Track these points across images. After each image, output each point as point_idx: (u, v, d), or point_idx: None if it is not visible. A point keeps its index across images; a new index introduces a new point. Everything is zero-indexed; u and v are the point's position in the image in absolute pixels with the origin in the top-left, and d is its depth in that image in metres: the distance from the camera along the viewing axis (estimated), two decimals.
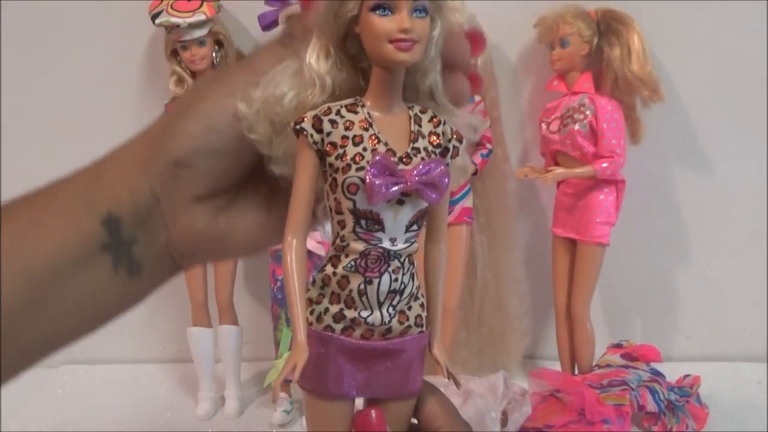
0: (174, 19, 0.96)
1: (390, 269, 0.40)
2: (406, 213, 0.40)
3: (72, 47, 1.07)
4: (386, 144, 0.39)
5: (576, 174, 0.97)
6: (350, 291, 0.40)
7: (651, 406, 0.93)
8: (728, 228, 1.13)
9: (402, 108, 0.40)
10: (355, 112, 0.39)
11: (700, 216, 1.12)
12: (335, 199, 0.39)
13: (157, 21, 0.96)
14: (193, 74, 1.01)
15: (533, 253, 1.13)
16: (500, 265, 1.09)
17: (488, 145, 1.04)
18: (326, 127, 0.39)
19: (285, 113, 0.39)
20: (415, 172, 0.38)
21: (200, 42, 0.99)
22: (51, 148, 1.12)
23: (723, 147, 1.09)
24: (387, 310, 0.40)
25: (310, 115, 0.39)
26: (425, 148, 0.40)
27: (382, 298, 0.40)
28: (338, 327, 0.40)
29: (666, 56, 1.03)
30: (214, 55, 1.02)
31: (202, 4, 0.98)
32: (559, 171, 0.97)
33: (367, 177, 0.37)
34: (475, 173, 1.02)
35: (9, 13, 1.06)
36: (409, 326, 0.41)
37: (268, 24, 1.02)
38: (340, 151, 0.38)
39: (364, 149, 0.38)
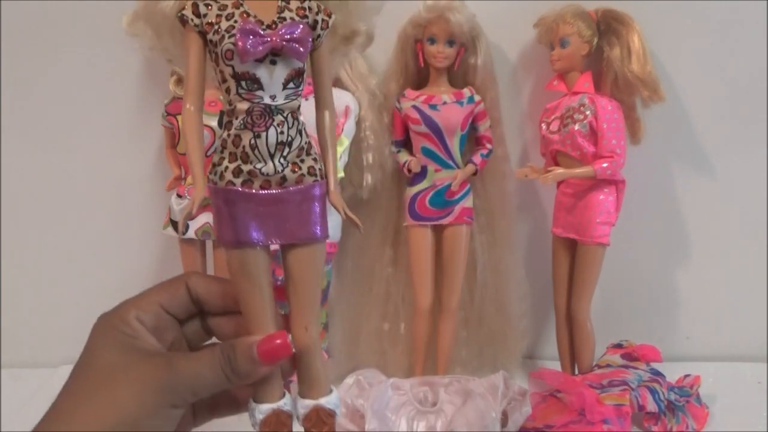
0: None
1: (275, 123, 0.46)
2: (280, 71, 0.46)
3: (72, 47, 1.08)
4: (255, 17, 0.45)
5: (576, 174, 0.97)
6: (243, 147, 0.45)
7: (651, 406, 0.93)
8: (728, 228, 1.13)
9: None
10: None
11: (700, 216, 1.12)
12: (220, 70, 0.46)
13: None
14: None
15: (533, 253, 1.13)
16: (500, 265, 1.09)
17: (488, 145, 1.04)
18: (203, 10, 0.45)
19: (166, 17, 0.47)
20: (280, 32, 0.44)
21: None
22: (51, 148, 1.13)
23: (723, 147, 1.09)
24: (279, 161, 0.46)
25: (189, 4, 0.46)
26: (291, 18, 0.46)
27: (272, 150, 0.46)
28: (238, 181, 0.45)
29: (666, 56, 1.03)
30: None
31: None
32: (559, 171, 0.97)
33: (237, 40, 0.44)
34: (475, 173, 1.03)
35: (9, 13, 1.06)
36: (303, 175, 0.47)
37: None
38: (216, 27, 0.45)
39: (235, 21, 0.45)
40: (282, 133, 0.46)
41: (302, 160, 0.47)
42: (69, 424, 0.41)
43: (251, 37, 0.44)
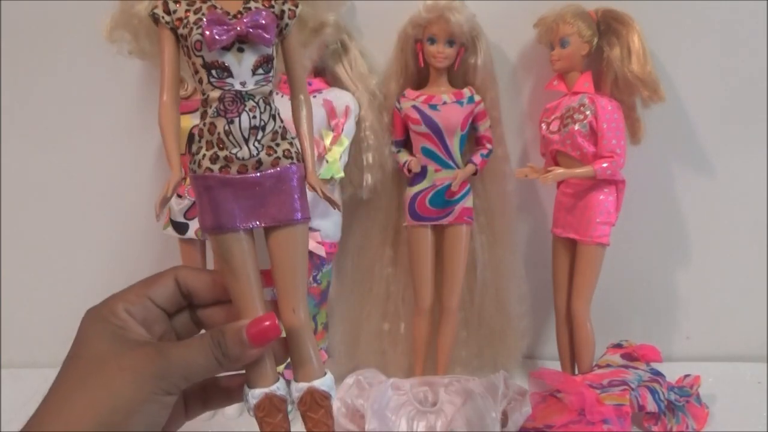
0: None
1: (247, 108, 0.47)
2: (249, 58, 0.47)
3: (72, 47, 1.08)
4: (221, 9, 0.47)
5: (576, 174, 0.97)
6: (218, 133, 0.47)
7: (651, 406, 0.93)
8: (728, 228, 1.13)
9: None
10: None
11: (700, 216, 1.12)
12: (192, 63, 0.47)
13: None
14: None
15: (533, 253, 1.13)
16: (500, 265, 1.09)
17: (488, 145, 1.04)
18: (172, 7, 0.47)
19: (142, 20, 0.50)
20: (245, 19, 0.46)
21: None
22: (51, 148, 1.13)
23: (723, 147, 1.09)
24: (253, 145, 0.48)
25: (159, 2, 0.48)
26: (257, 7, 0.48)
27: (246, 135, 0.47)
28: (215, 167, 0.47)
29: (666, 56, 1.03)
30: None
31: None
32: (559, 171, 0.97)
33: (204, 30, 0.46)
34: (475, 173, 1.02)
35: (9, 13, 1.06)
36: (279, 158, 0.48)
37: None
38: (185, 21, 0.47)
39: (203, 14, 0.47)
40: (254, 117, 0.47)
41: (277, 144, 0.48)
42: (63, 413, 0.41)
43: (217, 26, 0.46)
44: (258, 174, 0.47)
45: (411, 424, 0.89)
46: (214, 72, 0.47)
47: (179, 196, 1.03)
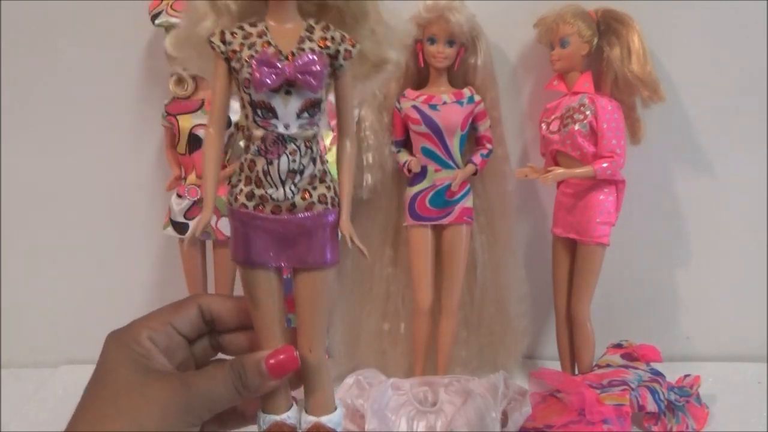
0: (173, 20, 0.96)
1: (287, 151, 0.48)
2: (295, 102, 0.47)
3: (72, 47, 1.08)
4: (276, 46, 0.47)
5: (576, 174, 0.97)
6: (257, 172, 0.48)
7: (651, 406, 0.93)
8: (728, 228, 1.13)
9: (297, 21, 0.49)
10: (255, 26, 0.48)
11: (700, 216, 1.12)
12: (241, 97, 0.48)
13: (157, 21, 0.96)
14: (193, 74, 1.01)
15: (533, 253, 1.13)
16: (500, 265, 1.09)
17: (488, 145, 1.04)
18: (228, 38, 0.47)
19: (202, 40, 0.49)
20: (296, 63, 0.46)
21: None
22: (51, 149, 1.13)
23: (723, 147, 1.09)
24: (289, 188, 0.48)
25: (218, 30, 0.48)
26: (311, 48, 0.48)
27: (283, 177, 0.48)
28: (251, 204, 0.48)
29: (666, 56, 1.03)
30: None
31: None
32: (559, 171, 0.97)
33: (254, 70, 0.46)
34: (475, 173, 1.02)
35: (9, 13, 1.06)
36: (313, 203, 0.49)
37: None
38: (238, 54, 0.47)
39: (256, 51, 0.47)
40: (294, 161, 0.48)
41: (314, 187, 0.49)
42: None
43: (266, 68, 0.46)
44: (291, 216, 0.48)
45: (411, 424, 0.89)
46: (259, 111, 0.47)
47: (179, 195, 1.03)
